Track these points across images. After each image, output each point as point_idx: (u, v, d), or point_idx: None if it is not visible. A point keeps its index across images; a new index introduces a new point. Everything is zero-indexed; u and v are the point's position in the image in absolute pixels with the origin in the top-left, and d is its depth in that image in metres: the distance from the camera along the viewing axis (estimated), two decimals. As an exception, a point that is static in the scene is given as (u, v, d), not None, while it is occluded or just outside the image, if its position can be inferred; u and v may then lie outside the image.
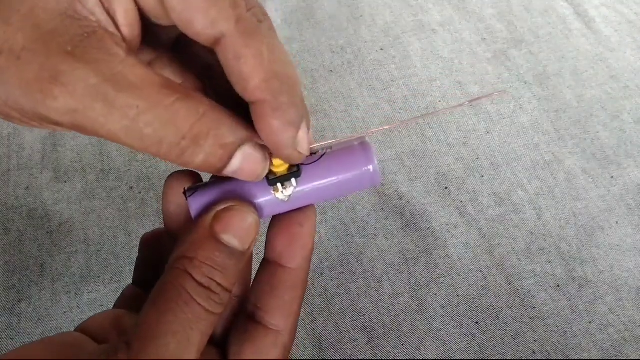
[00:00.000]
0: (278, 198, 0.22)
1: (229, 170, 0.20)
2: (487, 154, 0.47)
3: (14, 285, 0.41)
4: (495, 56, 0.54)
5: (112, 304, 0.40)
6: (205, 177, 0.23)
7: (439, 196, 0.45)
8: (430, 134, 0.48)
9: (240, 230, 0.21)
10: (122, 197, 0.45)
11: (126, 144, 0.18)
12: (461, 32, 0.56)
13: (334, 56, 0.54)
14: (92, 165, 0.46)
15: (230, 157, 0.19)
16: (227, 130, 0.19)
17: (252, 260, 0.26)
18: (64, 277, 0.41)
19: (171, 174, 0.24)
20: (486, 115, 0.49)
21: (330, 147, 0.23)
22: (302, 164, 0.22)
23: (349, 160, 0.22)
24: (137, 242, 0.42)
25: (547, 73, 0.52)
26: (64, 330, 0.39)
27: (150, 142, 0.18)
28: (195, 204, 0.22)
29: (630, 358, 0.38)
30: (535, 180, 0.46)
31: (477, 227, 0.43)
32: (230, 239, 0.20)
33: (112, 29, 0.18)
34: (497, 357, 0.38)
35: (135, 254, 0.42)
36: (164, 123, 0.18)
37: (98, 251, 0.42)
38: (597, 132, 0.49)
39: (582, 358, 0.38)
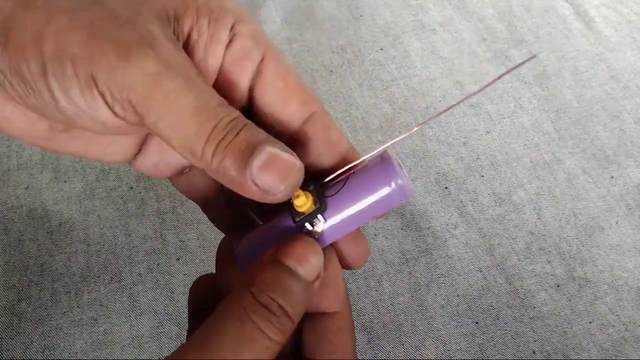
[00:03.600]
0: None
1: (254, 167, 0.19)
2: (487, 154, 0.47)
3: (14, 285, 0.41)
4: (495, 56, 0.54)
5: (112, 304, 0.40)
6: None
7: (439, 196, 0.45)
8: (430, 134, 0.48)
9: (304, 259, 0.20)
10: (122, 197, 0.45)
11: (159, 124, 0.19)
12: (461, 32, 0.56)
13: (334, 56, 0.54)
14: (92, 165, 0.46)
15: (255, 149, 0.19)
16: (255, 130, 0.20)
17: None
18: (64, 277, 0.41)
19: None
20: (486, 115, 0.49)
21: (353, 172, 0.22)
22: (326, 196, 0.21)
23: (372, 181, 0.21)
24: (137, 242, 0.42)
25: (547, 73, 0.52)
26: (64, 329, 0.39)
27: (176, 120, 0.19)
28: (242, 253, 0.23)
29: (630, 358, 0.38)
30: (535, 180, 0.46)
31: (477, 227, 0.43)
32: (295, 265, 0.20)
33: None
34: (497, 357, 0.38)
35: (135, 254, 0.42)
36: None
37: (98, 251, 0.42)
38: (597, 132, 0.49)
39: (582, 358, 0.38)
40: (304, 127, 0.23)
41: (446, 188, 0.45)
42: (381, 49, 0.54)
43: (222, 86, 0.22)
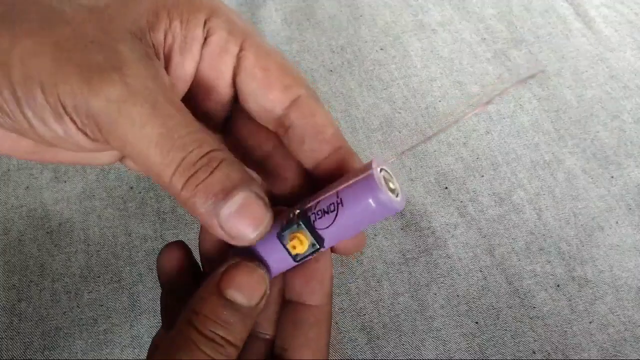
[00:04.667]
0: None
1: (224, 213, 0.19)
2: (487, 154, 0.47)
3: (14, 285, 0.41)
4: (495, 56, 0.54)
5: (112, 304, 0.40)
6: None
7: (439, 196, 0.45)
8: (431, 134, 0.48)
9: (244, 287, 0.20)
10: (122, 197, 0.45)
11: (134, 152, 0.19)
12: (461, 32, 0.56)
13: (334, 56, 0.54)
14: (92, 166, 0.46)
15: (229, 193, 0.19)
16: (231, 168, 0.19)
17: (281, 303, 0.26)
18: (64, 277, 0.41)
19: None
20: (486, 115, 0.49)
21: (339, 198, 0.21)
22: (319, 229, 0.21)
23: (362, 209, 0.20)
24: (137, 242, 0.42)
25: (547, 73, 0.52)
26: (64, 329, 0.39)
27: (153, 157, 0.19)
28: None
29: (630, 358, 0.38)
30: (535, 180, 0.46)
31: (477, 227, 0.43)
32: (236, 294, 0.20)
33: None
34: (497, 357, 0.38)
35: (135, 254, 0.42)
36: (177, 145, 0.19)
37: (98, 251, 0.42)
38: (597, 132, 0.49)
39: (582, 358, 0.38)
40: (287, 113, 0.22)
41: (446, 188, 0.45)
42: (381, 49, 0.54)
43: (204, 84, 0.22)
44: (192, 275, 0.26)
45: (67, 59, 0.18)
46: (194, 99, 0.22)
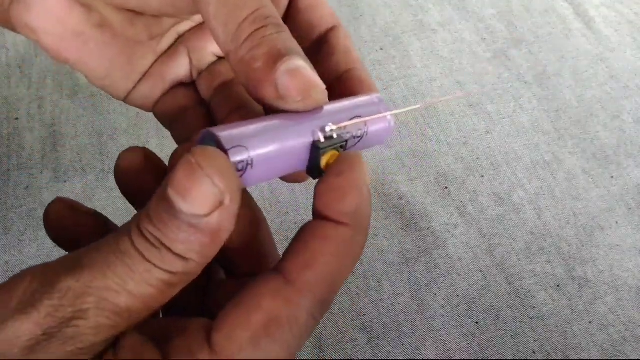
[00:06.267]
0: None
1: (282, 69, 0.19)
2: (487, 154, 0.47)
3: (14, 285, 0.41)
4: (495, 56, 0.54)
5: (112, 304, 0.40)
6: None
7: (439, 196, 0.45)
8: (430, 134, 0.48)
9: (187, 191, 0.16)
10: (122, 197, 0.45)
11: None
12: (461, 32, 0.56)
13: (334, 56, 0.54)
14: (92, 165, 0.46)
15: (291, 54, 0.19)
16: (294, 40, 0.20)
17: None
18: (64, 277, 0.41)
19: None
20: (486, 115, 0.49)
21: (366, 126, 0.22)
22: (345, 149, 0.21)
23: (382, 134, 0.22)
24: (137, 242, 0.42)
25: (547, 73, 0.52)
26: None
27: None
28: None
29: (630, 358, 0.38)
30: (535, 180, 0.46)
31: (477, 227, 0.43)
32: (177, 198, 0.16)
33: None
34: (497, 357, 0.38)
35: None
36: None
37: (98, 251, 0.42)
38: (597, 132, 0.49)
39: (582, 358, 0.38)
40: (328, 33, 0.24)
41: (446, 188, 0.45)
42: (381, 49, 0.54)
43: None
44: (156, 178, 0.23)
45: None
46: None
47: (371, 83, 0.24)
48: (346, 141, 0.21)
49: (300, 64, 0.19)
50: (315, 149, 0.20)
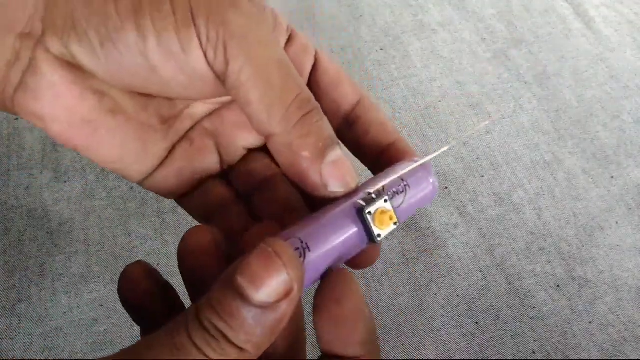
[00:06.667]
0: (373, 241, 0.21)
1: (330, 158, 0.19)
2: (487, 154, 0.47)
3: (14, 285, 0.41)
4: (495, 56, 0.54)
5: (112, 304, 0.40)
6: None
7: (439, 196, 0.45)
8: (430, 134, 0.48)
9: (260, 279, 0.16)
10: (122, 197, 0.45)
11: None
12: (461, 32, 0.56)
13: (334, 56, 0.54)
14: (92, 165, 0.46)
15: (334, 143, 0.20)
16: (327, 125, 0.20)
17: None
18: (64, 277, 0.41)
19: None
20: (486, 116, 0.49)
21: (406, 182, 0.23)
22: (395, 208, 0.21)
23: (423, 190, 0.23)
24: (137, 242, 0.42)
25: (547, 73, 0.52)
26: (64, 330, 0.39)
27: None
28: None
29: (630, 358, 0.38)
30: (535, 180, 0.46)
31: (477, 227, 0.43)
32: (247, 286, 0.16)
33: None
34: (497, 357, 0.38)
35: (135, 254, 0.42)
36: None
37: (98, 251, 0.42)
38: (597, 132, 0.49)
39: (582, 358, 0.38)
40: (355, 109, 0.24)
41: (446, 188, 0.45)
42: (381, 49, 0.54)
43: None
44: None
45: None
46: None
47: (413, 152, 0.24)
48: (388, 195, 0.21)
49: (340, 154, 0.20)
50: (360, 212, 0.20)
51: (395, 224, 0.21)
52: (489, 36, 0.55)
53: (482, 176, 0.46)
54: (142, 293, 0.21)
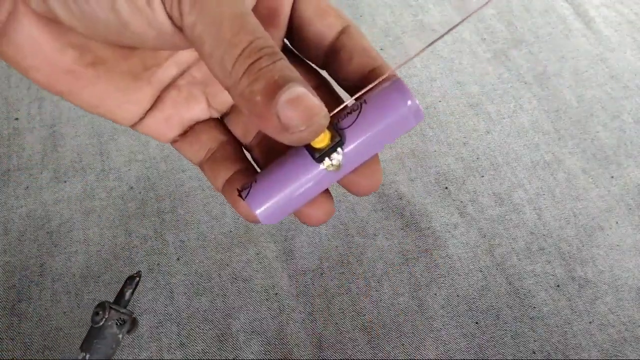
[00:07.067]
0: (329, 170, 0.21)
1: (282, 99, 0.19)
2: (487, 154, 0.47)
3: (14, 285, 0.41)
4: (495, 56, 0.54)
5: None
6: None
7: (439, 196, 0.45)
8: (430, 134, 0.48)
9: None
10: (122, 197, 0.45)
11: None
12: (461, 32, 0.56)
13: (334, 56, 0.54)
14: (92, 165, 0.46)
15: (288, 83, 0.19)
16: (291, 67, 0.20)
17: None
18: (64, 277, 0.41)
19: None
20: (486, 115, 0.49)
21: (363, 99, 0.22)
22: (341, 129, 0.21)
23: (387, 105, 0.21)
24: (137, 242, 0.42)
25: (547, 73, 0.52)
26: (64, 330, 0.39)
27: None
28: (254, 202, 0.22)
29: (630, 358, 0.38)
30: (535, 180, 0.46)
31: (477, 227, 0.43)
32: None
33: None
34: (497, 357, 0.38)
35: (135, 254, 0.42)
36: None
37: (98, 251, 0.42)
38: (597, 132, 0.49)
39: (582, 358, 0.38)
40: (340, 37, 0.24)
41: (446, 188, 0.45)
42: (381, 49, 0.54)
43: (266, 12, 0.24)
44: None
45: None
46: None
47: (395, 75, 0.24)
48: (341, 117, 0.21)
49: (300, 90, 0.19)
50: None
51: (338, 143, 0.21)
52: (489, 36, 0.55)
53: (482, 176, 0.46)
54: None
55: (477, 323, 0.39)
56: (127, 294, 0.27)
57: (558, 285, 0.41)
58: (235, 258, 0.42)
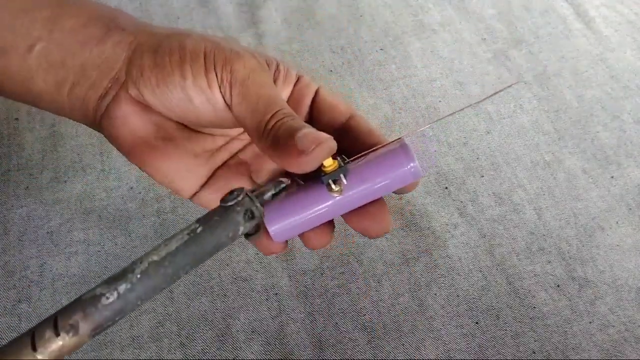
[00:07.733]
0: (333, 193, 0.27)
1: (300, 133, 0.26)
2: (487, 154, 0.47)
3: (14, 285, 0.41)
4: (495, 56, 0.54)
5: (112, 304, 0.40)
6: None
7: (439, 196, 0.45)
8: (430, 134, 0.48)
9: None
10: (122, 197, 0.45)
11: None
12: (461, 32, 0.56)
13: (334, 56, 0.54)
14: (92, 165, 0.46)
15: (296, 131, 0.26)
16: (303, 122, 0.27)
17: None
18: (64, 277, 0.41)
19: None
20: (486, 115, 0.49)
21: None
22: (348, 161, 0.28)
23: (388, 158, 0.27)
24: (137, 242, 0.43)
25: (547, 73, 0.52)
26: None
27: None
28: (273, 225, 0.28)
29: (630, 358, 0.38)
30: (535, 180, 0.46)
31: (477, 227, 0.43)
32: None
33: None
34: (497, 357, 0.38)
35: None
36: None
37: (98, 251, 0.42)
38: (597, 132, 0.49)
39: (582, 358, 0.38)
40: (349, 121, 0.31)
41: (446, 188, 0.45)
42: (381, 49, 0.54)
43: (293, 101, 0.32)
44: None
45: (221, 44, 0.29)
46: None
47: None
48: (345, 160, 0.28)
49: (311, 129, 0.26)
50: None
51: (342, 169, 0.27)
52: (489, 36, 0.55)
53: (482, 176, 0.46)
54: None
55: (477, 323, 0.39)
56: (268, 194, 0.26)
57: (558, 285, 0.41)
58: (235, 258, 0.42)
